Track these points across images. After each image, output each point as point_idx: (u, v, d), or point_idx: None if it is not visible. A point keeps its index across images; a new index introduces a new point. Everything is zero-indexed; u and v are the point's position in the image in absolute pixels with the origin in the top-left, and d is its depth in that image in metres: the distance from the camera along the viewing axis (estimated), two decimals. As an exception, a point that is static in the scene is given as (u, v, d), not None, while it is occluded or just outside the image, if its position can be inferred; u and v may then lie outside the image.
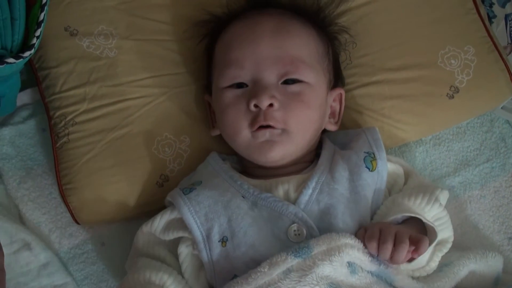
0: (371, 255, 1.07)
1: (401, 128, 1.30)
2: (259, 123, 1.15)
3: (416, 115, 1.30)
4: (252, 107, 1.16)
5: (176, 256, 1.17)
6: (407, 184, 1.23)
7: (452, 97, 1.29)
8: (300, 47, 1.19)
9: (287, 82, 1.17)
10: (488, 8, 1.40)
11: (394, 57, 1.30)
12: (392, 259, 1.05)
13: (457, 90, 1.29)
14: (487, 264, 1.20)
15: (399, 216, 1.12)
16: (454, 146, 1.35)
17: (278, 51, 1.18)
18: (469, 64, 1.29)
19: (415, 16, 1.32)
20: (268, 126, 1.16)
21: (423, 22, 1.31)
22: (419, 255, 1.05)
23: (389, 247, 1.04)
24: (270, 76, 1.17)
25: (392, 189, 1.23)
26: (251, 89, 1.17)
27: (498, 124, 1.36)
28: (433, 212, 1.16)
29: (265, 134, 1.16)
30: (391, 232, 1.04)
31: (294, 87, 1.17)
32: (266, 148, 1.17)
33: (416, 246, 1.04)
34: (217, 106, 1.23)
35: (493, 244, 1.30)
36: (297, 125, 1.16)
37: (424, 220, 1.11)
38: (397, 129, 1.30)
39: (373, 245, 1.05)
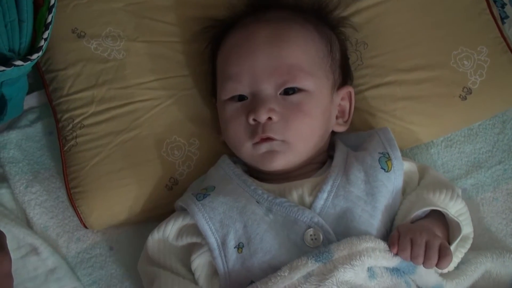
0: None
1: (413, 129, 1.29)
2: (258, 136, 1.16)
3: (428, 116, 1.29)
4: (251, 121, 1.16)
5: (187, 265, 1.16)
6: (425, 178, 1.22)
7: (464, 98, 1.28)
8: (297, 54, 1.18)
9: (287, 91, 1.17)
10: (500, 8, 1.38)
11: (406, 58, 1.29)
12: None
13: (469, 91, 1.28)
14: (504, 265, 1.20)
15: (422, 210, 1.13)
16: (466, 148, 1.34)
17: (274, 61, 1.17)
18: (482, 65, 1.28)
19: (427, 16, 1.30)
20: (268, 138, 1.16)
21: (435, 22, 1.30)
22: (442, 268, 1.06)
23: (420, 260, 1.04)
24: (268, 88, 1.17)
25: (407, 186, 1.21)
26: (250, 103, 1.17)
27: (511, 126, 1.34)
28: (456, 207, 1.17)
29: (266, 145, 1.16)
30: (422, 244, 1.04)
31: (293, 97, 1.16)
32: (268, 158, 1.17)
33: (440, 256, 1.04)
34: (220, 116, 1.24)
35: (506, 247, 1.28)
36: (297, 136, 1.16)
37: (449, 215, 1.11)
38: (409, 130, 1.29)
39: (406, 257, 1.05)
